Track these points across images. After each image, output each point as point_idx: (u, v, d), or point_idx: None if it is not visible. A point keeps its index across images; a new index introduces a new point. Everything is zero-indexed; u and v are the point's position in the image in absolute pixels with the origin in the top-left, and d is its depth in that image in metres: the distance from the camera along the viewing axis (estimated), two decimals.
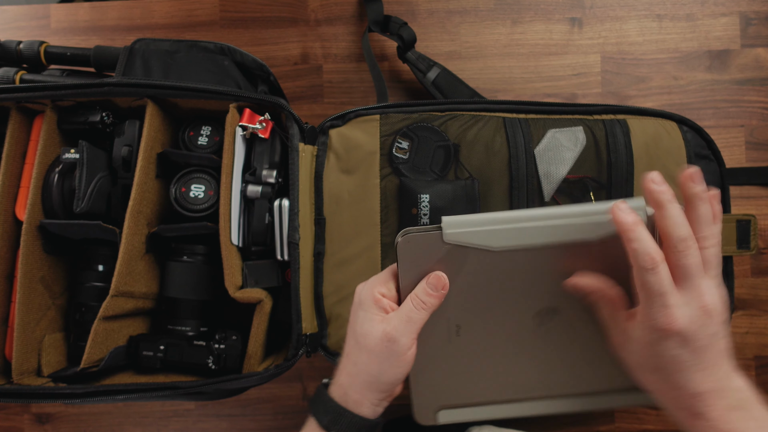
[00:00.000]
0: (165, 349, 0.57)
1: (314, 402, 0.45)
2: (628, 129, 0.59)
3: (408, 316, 0.41)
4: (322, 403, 0.44)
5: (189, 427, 0.72)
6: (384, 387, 0.43)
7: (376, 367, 0.42)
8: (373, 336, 0.42)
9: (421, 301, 0.42)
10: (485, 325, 0.45)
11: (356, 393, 0.43)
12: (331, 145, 0.60)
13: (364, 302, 0.43)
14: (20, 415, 0.72)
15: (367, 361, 0.42)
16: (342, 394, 0.43)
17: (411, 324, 0.41)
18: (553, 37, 0.73)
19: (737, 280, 0.69)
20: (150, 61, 0.62)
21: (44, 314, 0.58)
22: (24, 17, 0.75)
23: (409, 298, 0.42)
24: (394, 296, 0.44)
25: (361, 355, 0.42)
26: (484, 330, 0.45)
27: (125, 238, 0.55)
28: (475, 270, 0.43)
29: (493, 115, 0.60)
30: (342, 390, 0.44)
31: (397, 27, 0.68)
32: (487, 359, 0.46)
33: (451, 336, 0.45)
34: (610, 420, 0.70)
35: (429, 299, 0.42)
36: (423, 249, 0.42)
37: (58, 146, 0.59)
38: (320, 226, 0.60)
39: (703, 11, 0.73)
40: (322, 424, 0.43)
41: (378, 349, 0.41)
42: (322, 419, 0.43)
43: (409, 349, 0.42)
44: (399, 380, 0.43)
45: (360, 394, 0.43)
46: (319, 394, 0.45)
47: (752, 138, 0.72)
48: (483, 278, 0.43)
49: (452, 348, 0.45)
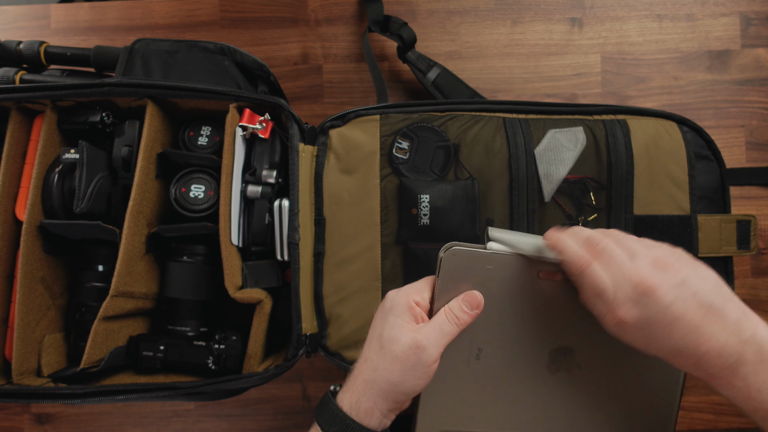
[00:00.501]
0: (165, 350, 0.57)
1: (320, 409, 0.44)
2: (628, 129, 0.59)
3: (440, 327, 0.41)
4: (329, 412, 0.43)
5: (189, 427, 0.72)
6: (400, 397, 0.42)
7: (398, 375, 0.41)
8: (401, 342, 0.41)
9: (455, 315, 0.42)
10: (506, 355, 0.45)
11: (369, 401, 0.42)
12: (331, 146, 0.60)
13: (396, 308, 0.43)
14: (20, 415, 0.72)
15: (390, 368, 0.41)
16: (353, 401, 0.42)
17: (443, 336, 0.41)
18: (553, 37, 0.73)
19: (737, 281, 0.69)
20: (150, 61, 0.62)
21: (44, 314, 0.58)
22: (24, 17, 0.75)
23: (443, 311, 0.42)
24: (427, 307, 0.43)
25: (384, 361, 0.42)
26: (504, 359, 0.45)
27: (125, 238, 0.55)
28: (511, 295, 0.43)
29: (493, 116, 0.60)
30: (355, 396, 0.42)
31: (397, 27, 0.68)
32: (501, 390, 0.45)
33: (471, 359, 0.45)
34: None
35: (463, 316, 0.42)
36: (466, 265, 0.42)
37: (58, 146, 0.59)
38: (320, 226, 0.60)
39: (704, 11, 0.73)
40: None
41: (404, 356, 0.41)
42: (327, 429, 0.42)
43: (435, 361, 0.41)
44: (416, 392, 0.42)
45: (373, 403, 0.42)
46: (326, 402, 0.44)
47: (752, 138, 0.71)
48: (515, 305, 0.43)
49: (469, 371, 0.45)
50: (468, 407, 0.46)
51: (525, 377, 0.45)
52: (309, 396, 0.72)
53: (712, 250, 0.60)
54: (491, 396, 0.46)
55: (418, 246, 0.58)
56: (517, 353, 0.45)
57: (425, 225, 0.58)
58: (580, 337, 0.45)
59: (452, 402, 0.46)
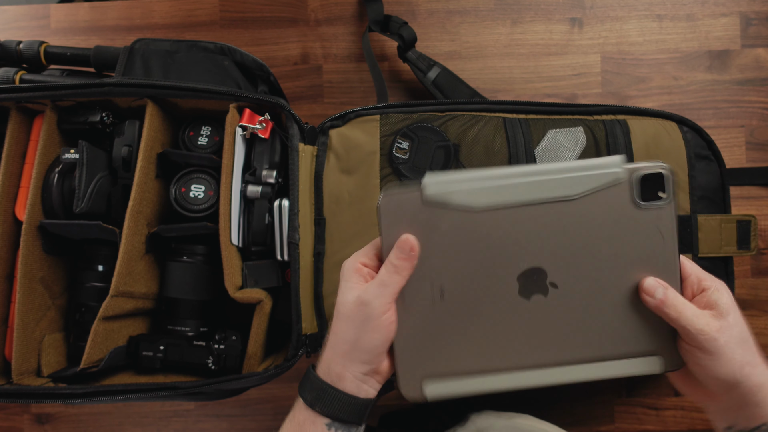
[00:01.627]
0: (165, 350, 0.57)
1: (302, 382, 0.45)
2: (629, 129, 0.59)
3: (380, 280, 0.42)
4: (308, 381, 0.44)
5: (189, 427, 0.72)
6: (362, 356, 0.42)
7: (351, 333, 0.42)
8: (348, 302, 0.42)
9: (392, 265, 0.42)
10: (470, 288, 0.44)
11: (337, 365, 0.43)
12: (331, 145, 0.60)
13: (345, 273, 0.43)
14: (20, 415, 0.72)
15: (344, 328, 0.42)
16: (325, 369, 0.43)
17: (384, 287, 0.41)
18: (553, 37, 0.73)
19: (737, 281, 0.69)
20: (150, 61, 0.62)
21: (44, 314, 0.58)
22: (24, 17, 0.75)
23: (384, 264, 0.42)
24: (376, 265, 0.44)
25: (339, 324, 0.43)
26: (469, 293, 0.44)
27: (125, 238, 0.55)
28: (458, 230, 0.42)
29: (493, 116, 0.60)
30: (325, 365, 0.43)
31: (398, 26, 0.68)
32: (473, 324, 0.44)
33: (435, 299, 0.44)
34: (610, 420, 0.70)
35: (400, 263, 0.42)
36: (404, 209, 0.42)
37: (58, 146, 0.59)
38: (320, 226, 0.60)
39: (704, 11, 0.73)
40: (306, 401, 0.43)
41: (352, 315, 0.42)
42: (306, 396, 0.43)
43: (384, 313, 0.41)
44: (377, 347, 0.42)
45: (341, 366, 0.42)
46: (306, 374, 0.45)
47: (752, 138, 0.71)
48: (466, 238, 0.43)
49: (437, 311, 0.44)
50: (446, 348, 0.45)
51: (497, 307, 0.44)
52: None
53: (712, 251, 0.60)
54: (466, 332, 0.44)
55: None
56: (482, 285, 0.44)
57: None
58: (548, 256, 0.43)
59: (427, 347, 0.45)
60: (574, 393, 0.70)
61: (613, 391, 0.70)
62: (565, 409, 0.70)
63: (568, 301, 0.44)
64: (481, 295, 0.44)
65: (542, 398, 0.70)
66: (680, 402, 0.70)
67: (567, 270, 0.43)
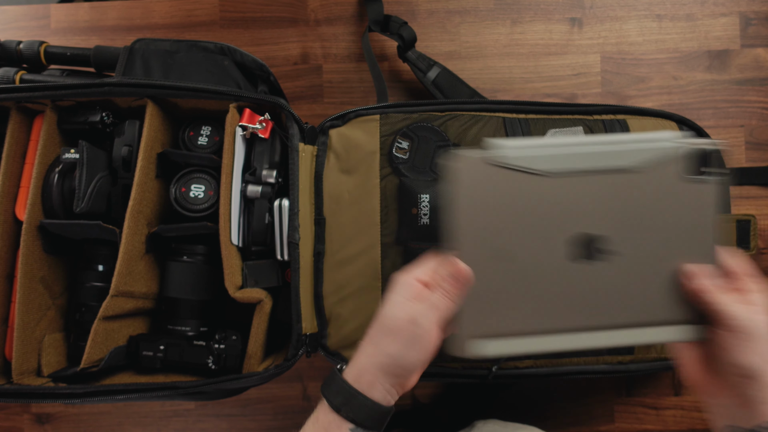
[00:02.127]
0: (165, 349, 0.57)
1: (327, 383, 0.45)
2: (628, 129, 0.59)
3: (432, 302, 0.42)
4: (335, 384, 0.44)
5: (189, 427, 0.72)
6: (400, 372, 0.43)
7: (396, 349, 0.42)
8: (397, 317, 0.42)
9: (444, 290, 0.43)
10: (531, 250, 0.45)
11: (371, 375, 0.43)
12: (331, 145, 0.60)
13: (396, 286, 0.44)
14: (20, 415, 0.72)
15: (389, 343, 0.43)
16: (356, 375, 0.44)
17: (435, 310, 0.42)
18: (553, 37, 0.73)
19: None
20: (150, 61, 0.62)
21: (44, 314, 0.58)
22: (24, 17, 0.75)
23: (436, 287, 0.43)
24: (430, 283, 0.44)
25: (384, 337, 0.43)
26: (529, 255, 0.45)
27: (125, 238, 0.55)
28: (526, 193, 0.44)
29: (493, 115, 0.60)
30: (356, 370, 0.44)
31: (398, 26, 0.68)
32: (532, 286, 0.46)
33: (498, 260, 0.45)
34: (610, 420, 0.70)
35: (452, 290, 0.43)
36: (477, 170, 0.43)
37: (58, 146, 0.59)
38: (320, 226, 0.60)
39: (703, 11, 0.73)
40: (333, 405, 0.43)
41: (399, 331, 0.42)
42: (333, 400, 0.43)
43: (430, 334, 0.42)
44: (416, 367, 0.43)
45: (374, 376, 0.43)
46: (333, 376, 0.45)
47: (752, 138, 0.72)
48: (532, 202, 0.44)
49: (499, 272, 0.45)
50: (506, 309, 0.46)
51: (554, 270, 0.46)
52: (309, 396, 0.72)
53: None
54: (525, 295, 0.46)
55: (419, 246, 0.58)
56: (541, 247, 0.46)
57: (425, 225, 0.58)
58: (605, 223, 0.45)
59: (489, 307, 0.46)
60: (574, 393, 0.70)
61: (613, 390, 0.70)
62: (565, 408, 0.70)
63: (619, 268, 0.46)
64: (539, 257, 0.46)
65: (541, 398, 0.70)
66: (680, 402, 0.70)
67: (621, 237, 0.45)
